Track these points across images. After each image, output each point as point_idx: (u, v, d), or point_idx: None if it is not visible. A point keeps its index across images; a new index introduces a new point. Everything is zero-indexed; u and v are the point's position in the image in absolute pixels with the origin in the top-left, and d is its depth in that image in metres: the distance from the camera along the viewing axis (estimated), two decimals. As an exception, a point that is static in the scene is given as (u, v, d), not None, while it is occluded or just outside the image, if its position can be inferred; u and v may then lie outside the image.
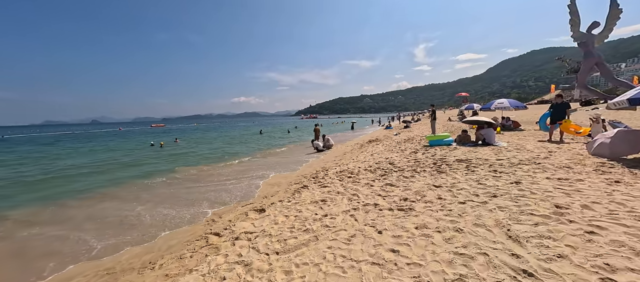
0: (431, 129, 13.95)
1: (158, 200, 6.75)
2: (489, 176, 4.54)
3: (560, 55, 56.56)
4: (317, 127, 17.31)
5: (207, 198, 6.57)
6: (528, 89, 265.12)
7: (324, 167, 8.21)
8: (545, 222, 2.72)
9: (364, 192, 4.58)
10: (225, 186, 7.52)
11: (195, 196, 6.85)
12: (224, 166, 10.77)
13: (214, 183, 7.97)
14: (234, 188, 7.27)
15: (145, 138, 33.95)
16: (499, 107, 15.00)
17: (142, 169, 11.22)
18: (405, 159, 7.14)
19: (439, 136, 8.76)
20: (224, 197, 6.52)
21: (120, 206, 6.57)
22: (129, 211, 6.13)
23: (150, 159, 14.13)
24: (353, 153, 10.70)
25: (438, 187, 4.25)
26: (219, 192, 7.00)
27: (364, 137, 20.23)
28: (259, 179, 8.24)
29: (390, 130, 24.82)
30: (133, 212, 6.01)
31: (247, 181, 7.92)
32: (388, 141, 13.29)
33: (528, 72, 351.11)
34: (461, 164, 5.56)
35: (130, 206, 6.50)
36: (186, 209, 5.96)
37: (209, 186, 7.76)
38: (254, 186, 7.32)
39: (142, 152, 17.89)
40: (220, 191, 7.06)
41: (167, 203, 6.42)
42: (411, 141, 11.58)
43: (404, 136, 14.81)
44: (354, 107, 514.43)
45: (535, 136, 10.23)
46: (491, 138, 8.25)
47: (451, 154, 6.89)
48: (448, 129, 16.51)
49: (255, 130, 45.21)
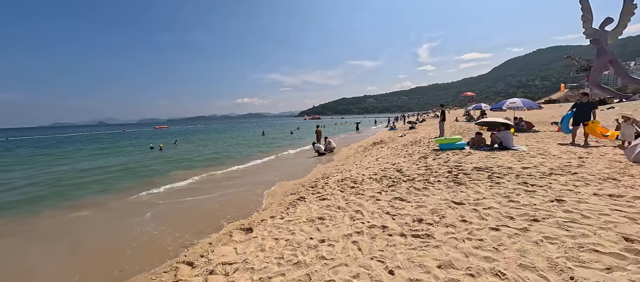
0: (439, 130, 13.15)
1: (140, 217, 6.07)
2: (520, 190, 3.79)
3: (570, 53, 55.20)
4: (318, 128, 16.62)
5: (198, 213, 5.82)
6: (534, 89, 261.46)
7: (325, 174, 7.51)
8: (621, 266, 1.98)
9: (369, 209, 3.87)
10: (220, 197, 6.81)
11: (182, 215, 5.97)
12: (222, 173, 10.09)
13: (210, 193, 7.27)
14: (231, 200, 6.49)
15: (146, 140, 33.61)
16: (511, 107, 14.15)
17: (137, 175, 10.61)
18: (415, 165, 6.41)
19: (450, 139, 8.00)
20: (216, 212, 5.75)
21: (93, 221, 5.93)
22: (103, 229, 5.48)
23: (147, 163, 13.57)
24: (356, 157, 9.99)
25: (459, 205, 3.51)
26: (213, 204, 6.27)
27: (367, 139, 19.47)
28: (259, 186, 7.50)
29: (394, 131, 24.02)
30: (101, 233, 5.31)
31: (245, 191, 7.15)
32: (393, 143, 12.54)
33: (534, 71, 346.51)
34: (481, 174, 4.80)
35: (103, 222, 5.85)
36: (169, 229, 5.22)
37: (203, 196, 7.06)
38: (253, 200, 6.34)
39: (140, 155, 17.40)
40: (214, 203, 6.34)
41: (152, 222, 5.70)
42: (418, 143, 10.82)
43: (409, 138, 14.04)
44: (357, 108, 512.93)
45: (553, 138, 9.41)
46: (509, 141, 7.47)
47: (466, 160, 6.14)
48: (456, 130, 15.69)
49: (257, 131, 44.71)
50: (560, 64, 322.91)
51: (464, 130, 14.97)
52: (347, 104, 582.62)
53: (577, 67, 53.37)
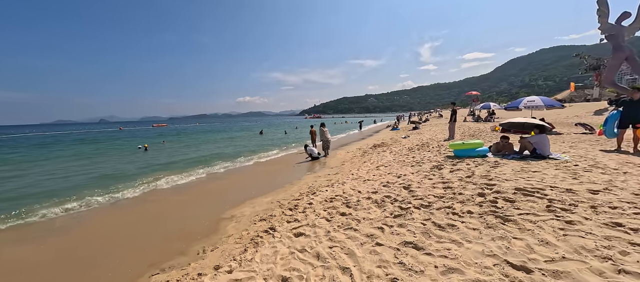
0: (449, 132, 11.59)
1: (66, 247, 4.58)
2: (620, 239, 2.25)
3: (579, 52, 53.19)
4: (313, 129, 15.07)
5: (92, 256, 4.14)
6: (537, 89, 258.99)
7: (312, 188, 5.96)
8: None
9: (363, 267, 2.35)
10: (161, 221, 5.25)
11: (109, 250, 4.35)
12: (187, 181, 8.45)
13: (149, 214, 5.71)
14: (171, 231, 4.77)
15: (139, 139, 32.23)
16: (529, 106, 12.60)
17: (102, 183, 9.02)
18: (427, 179, 4.87)
19: (469, 144, 6.44)
20: (130, 254, 3.93)
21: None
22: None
23: (123, 167, 12.10)
24: (353, 163, 8.46)
25: (525, 271, 1.98)
26: (138, 237, 4.65)
27: (367, 140, 17.91)
28: (225, 204, 5.94)
29: (397, 131, 22.45)
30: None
31: (203, 212, 5.52)
32: (397, 146, 10.99)
33: (537, 71, 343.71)
34: (533, 201, 3.25)
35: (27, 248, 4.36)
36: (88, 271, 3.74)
37: (135, 219, 5.51)
38: (206, 228, 4.58)
39: (123, 157, 15.96)
40: (141, 234, 4.74)
41: (76, 257, 4.22)
42: (426, 147, 9.27)
43: (414, 140, 12.48)
44: (359, 107, 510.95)
45: (588, 142, 7.88)
46: (546, 148, 5.91)
47: (497, 174, 4.59)
48: (466, 132, 14.11)
49: (255, 130, 43.23)
50: (564, 64, 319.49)
51: (477, 132, 13.39)
52: (349, 103, 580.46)
53: (586, 66, 51.44)
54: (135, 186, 8.01)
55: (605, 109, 23.27)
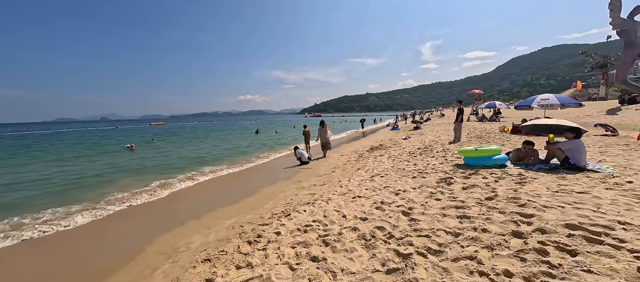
0: (454, 133, 10.40)
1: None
2: None
3: (585, 50, 51.81)
4: (306, 129, 13.90)
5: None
6: (539, 88, 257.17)
7: (287, 209, 4.76)
8: None
9: None
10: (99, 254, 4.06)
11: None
12: (157, 192, 7.30)
13: (98, 242, 4.57)
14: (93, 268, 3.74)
15: (130, 138, 31.18)
16: (543, 105, 11.39)
17: (59, 197, 7.78)
18: (435, 200, 3.70)
19: (484, 151, 5.23)
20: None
21: None
22: None
23: (98, 170, 10.99)
24: (345, 171, 7.30)
25: None
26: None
27: (365, 141, 16.73)
28: (170, 231, 4.66)
29: (397, 131, 21.26)
30: None
31: (140, 242, 4.28)
32: (396, 149, 9.82)
33: (539, 70, 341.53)
34: (608, 255, 2.07)
35: None
36: None
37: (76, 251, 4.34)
38: (134, 270, 3.47)
39: (101, 159, 14.85)
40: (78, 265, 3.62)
41: None
42: (430, 151, 8.09)
43: (416, 142, 11.30)
44: (360, 106, 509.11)
45: (608, 144, 6.71)
46: (581, 156, 4.71)
47: (529, 195, 3.42)
48: (471, 133, 12.93)
49: (252, 129, 42.10)
50: (566, 63, 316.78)
51: (483, 132, 12.19)
52: (349, 102, 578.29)
53: (592, 64, 50.06)
54: (75, 200, 6.83)
55: (618, 108, 21.99)
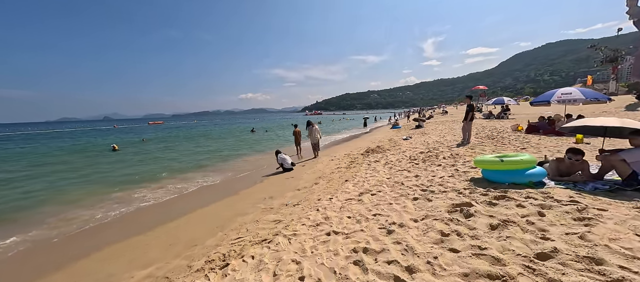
0: (463, 134, 8.95)
1: None
2: None
3: (594, 43, 49.78)
4: (297, 129, 12.51)
5: None
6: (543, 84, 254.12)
7: (236, 243, 3.38)
8: None
9: None
10: None
11: None
12: (71, 218, 5.98)
13: None
14: None
15: (121, 138, 30.05)
16: (563, 100, 9.87)
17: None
18: (449, 250, 2.31)
19: (512, 162, 3.73)
20: None
21: None
22: None
23: (47, 184, 9.69)
24: (330, 183, 5.88)
25: None
26: None
27: (361, 141, 15.28)
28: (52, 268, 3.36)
29: (397, 130, 19.80)
30: None
31: None
32: (395, 153, 8.39)
33: (543, 66, 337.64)
34: None
35: None
36: None
37: None
38: None
39: (76, 161, 13.61)
40: None
41: None
42: (434, 156, 6.66)
43: (418, 143, 9.86)
44: (361, 103, 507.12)
45: None
46: (657, 172, 3.28)
47: (603, 243, 2.03)
48: (478, 132, 11.46)
49: (248, 127, 40.85)
50: (570, 58, 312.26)
51: (493, 132, 10.72)
52: (351, 99, 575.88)
53: (602, 58, 48.09)
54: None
55: (638, 105, 20.36)
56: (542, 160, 4.66)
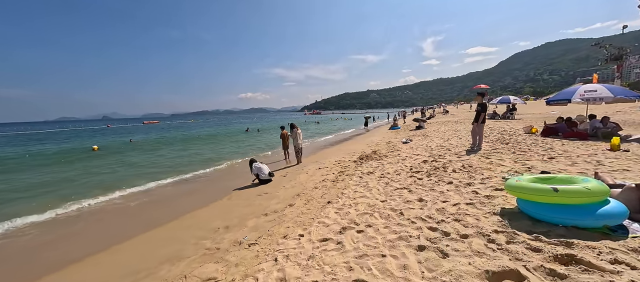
0: (472, 138, 7.63)
1: None
2: None
3: (599, 41, 48.56)
4: (284, 131, 11.18)
5: None
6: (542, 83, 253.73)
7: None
8: None
9: None
10: None
11: None
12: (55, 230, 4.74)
13: None
14: None
15: (106, 139, 28.68)
16: (587, 98, 8.57)
17: None
18: None
19: (573, 194, 2.40)
20: None
21: None
22: None
23: (29, 185, 8.37)
24: (308, 205, 4.55)
25: None
26: None
27: (356, 144, 13.95)
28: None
29: (397, 131, 18.49)
30: None
31: None
32: (393, 161, 7.07)
33: (543, 65, 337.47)
34: None
35: None
36: None
37: None
38: None
39: (41, 169, 12.25)
40: None
41: None
42: (443, 170, 5.32)
43: (419, 148, 8.53)
44: (361, 102, 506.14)
45: None
46: None
47: None
48: (486, 135, 10.16)
49: (243, 127, 39.50)
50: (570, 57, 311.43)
51: (506, 135, 9.39)
52: (350, 99, 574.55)
53: (607, 56, 46.88)
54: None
55: None
56: (594, 178, 3.34)
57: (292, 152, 10.63)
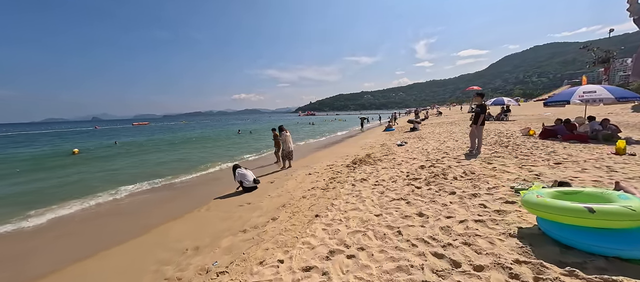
0: (471, 141, 7.22)
1: None
2: None
3: (586, 44, 49.49)
4: (275, 132, 10.59)
5: None
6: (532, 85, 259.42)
7: None
8: None
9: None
10: None
11: None
12: None
13: None
14: None
15: (91, 141, 27.50)
16: (587, 99, 8.30)
17: None
18: None
19: (609, 216, 1.94)
20: None
21: None
22: None
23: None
24: (293, 219, 4.00)
25: None
26: None
27: (349, 147, 13.46)
28: None
29: (391, 133, 18.10)
30: None
31: None
32: (388, 166, 6.59)
33: (531, 68, 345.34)
34: None
35: None
36: None
37: None
38: None
39: (18, 174, 11.34)
40: None
41: None
42: (443, 176, 4.86)
43: (415, 151, 8.09)
44: (355, 104, 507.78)
45: None
46: None
47: None
48: (484, 137, 9.81)
49: (235, 129, 38.62)
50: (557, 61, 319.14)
51: (503, 137, 9.05)
52: (345, 100, 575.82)
53: (594, 59, 47.85)
54: None
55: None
56: (616, 188, 2.92)
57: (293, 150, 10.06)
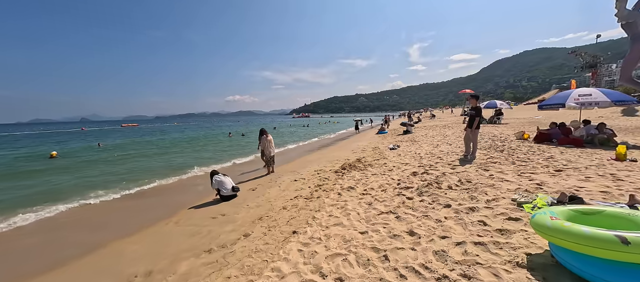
0: (465, 145, 6.85)
1: None
2: None
3: (575, 49, 50.59)
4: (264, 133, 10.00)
5: None
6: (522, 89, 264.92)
7: None
8: None
9: None
10: None
11: None
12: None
13: None
14: None
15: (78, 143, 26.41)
16: (582, 103, 8.06)
17: None
18: None
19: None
20: None
21: None
22: None
23: None
24: (270, 233, 3.52)
25: None
26: None
27: (339, 151, 13.00)
28: None
29: (383, 136, 17.75)
30: None
31: None
32: (378, 172, 6.15)
33: (521, 72, 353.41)
34: None
35: None
36: None
37: None
38: None
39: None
40: None
41: None
42: (436, 185, 4.43)
43: (407, 156, 7.68)
44: (349, 106, 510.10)
45: None
46: None
47: None
48: (478, 141, 9.50)
49: (227, 131, 37.78)
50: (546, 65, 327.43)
51: (497, 141, 8.74)
52: (339, 102, 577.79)
53: (582, 64, 48.89)
54: None
55: (634, 109, 19.40)
56: (630, 202, 2.54)
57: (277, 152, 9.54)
